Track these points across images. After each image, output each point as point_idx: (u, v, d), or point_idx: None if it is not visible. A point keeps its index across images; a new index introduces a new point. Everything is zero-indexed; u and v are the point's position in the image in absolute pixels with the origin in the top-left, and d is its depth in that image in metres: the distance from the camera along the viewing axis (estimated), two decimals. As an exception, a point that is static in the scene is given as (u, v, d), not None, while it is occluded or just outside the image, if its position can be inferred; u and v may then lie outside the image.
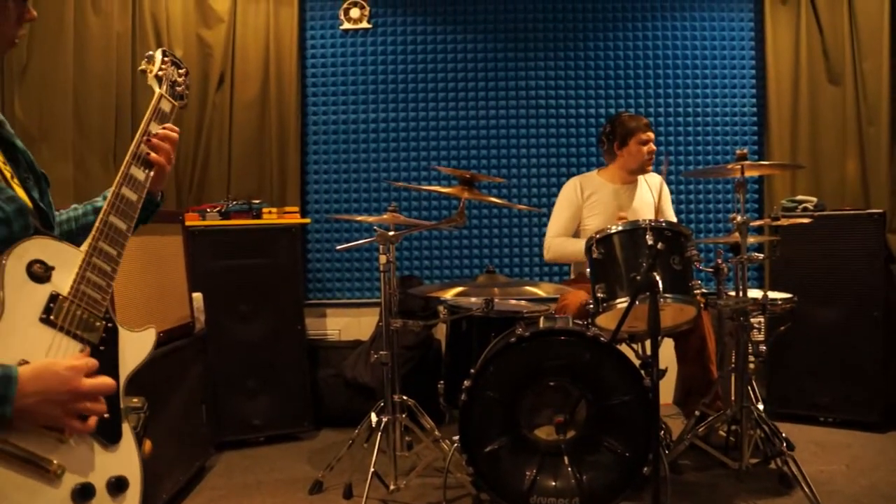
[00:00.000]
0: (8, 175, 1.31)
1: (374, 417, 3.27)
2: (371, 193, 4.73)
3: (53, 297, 1.24)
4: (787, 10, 4.60)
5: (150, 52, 1.66)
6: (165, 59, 1.65)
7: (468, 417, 2.80)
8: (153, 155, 1.54)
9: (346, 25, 4.70)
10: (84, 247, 1.33)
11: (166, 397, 3.11)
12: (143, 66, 1.65)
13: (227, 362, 3.87)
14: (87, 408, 1.23)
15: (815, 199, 4.22)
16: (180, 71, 1.67)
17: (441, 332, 4.13)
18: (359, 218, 3.60)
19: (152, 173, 1.55)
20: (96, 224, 1.36)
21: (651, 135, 3.84)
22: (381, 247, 3.17)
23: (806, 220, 3.59)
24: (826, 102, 4.54)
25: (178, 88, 1.66)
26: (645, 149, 3.82)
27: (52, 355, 1.23)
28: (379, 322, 4.09)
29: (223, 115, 4.53)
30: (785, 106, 4.60)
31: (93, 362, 1.25)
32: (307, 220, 4.60)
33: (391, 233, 3.15)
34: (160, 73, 1.63)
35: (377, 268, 3.29)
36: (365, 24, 4.70)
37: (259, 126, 4.58)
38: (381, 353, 3.18)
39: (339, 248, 3.67)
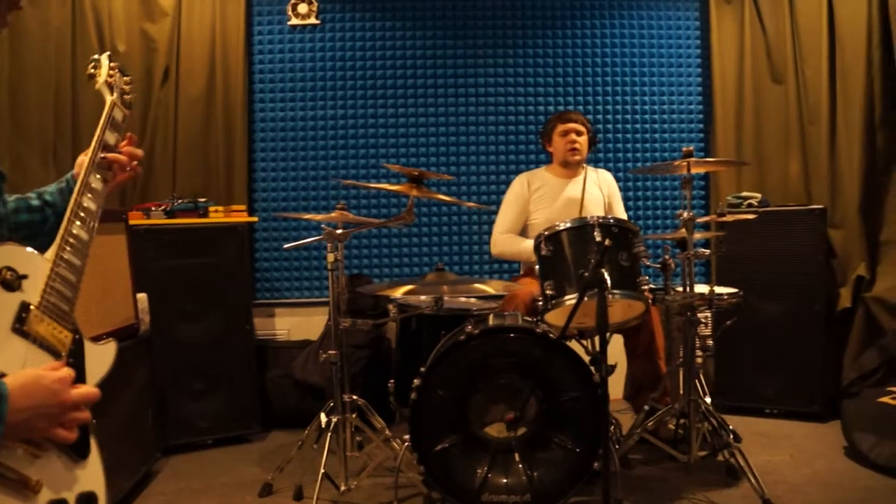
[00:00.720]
0: None
1: (323, 418, 3.23)
2: (319, 191, 4.68)
3: (24, 307, 1.20)
4: (732, 10, 4.67)
5: (96, 56, 1.63)
6: (112, 65, 1.63)
7: (418, 416, 2.79)
8: (117, 172, 1.55)
9: (294, 21, 4.64)
10: (49, 255, 1.29)
11: (110, 401, 3.02)
12: (90, 71, 1.63)
13: (173, 364, 3.80)
14: (75, 418, 1.22)
15: (759, 196, 4.30)
16: (126, 78, 1.65)
17: (391, 330, 4.11)
18: (307, 216, 3.56)
19: (108, 186, 1.53)
20: (60, 233, 1.33)
21: (572, 126, 3.91)
22: (328, 245, 3.13)
23: (750, 216, 3.65)
24: (770, 101, 4.62)
25: (127, 97, 1.64)
26: (564, 139, 3.89)
27: (28, 367, 1.19)
28: (328, 321, 4.05)
29: (168, 112, 4.43)
30: (730, 104, 4.68)
31: (73, 372, 1.23)
32: (254, 219, 4.54)
33: (339, 231, 3.13)
34: (109, 79, 1.61)
35: (325, 266, 3.25)
36: (313, 20, 4.65)
37: (205, 123, 4.49)
38: (331, 352, 3.15)
39: (286, 246, 3.62)
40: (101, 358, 1.40)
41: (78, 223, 1.36)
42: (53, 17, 3.92)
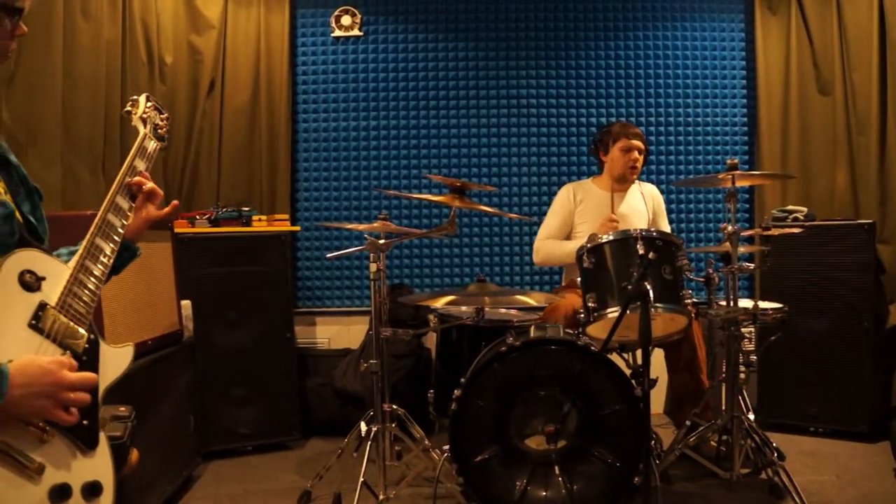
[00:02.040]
0: (1, 186, 1.38)
1: (363, 426, 3.24)
2: (361, 201, 4.71)
3: (42, 306, 1.31)
4: (778, 21, 4.62)
5: (135, 97, 1.78)
6: (149, 103, 1.77)
7: (458, 427, 2.78)
8: (141, 200, 1.67)
9: (338, 33, 4.69)
10: (71, 263, 1.41)
11: (153, 406, 3.08)
12: (128, 108, 1.78)
13: (215, 370, 3.85)
14: (71, 399, 1.28)
15: (805, 209, 4.23)
16: (162, 115, 1.80)
17: (431, 341, 4.12)
18: (349, 226, 3.58)
19: (134, 207, 1.65)
20: (83, 243, 1.45)
21: (635, 143, 3.83)
22: (371, 255, 3.15)
23: (796, 230, 3.59)
24: (816, 112, 4.56)
25: (160, 130, 1.78)
26: (627, 156, 3.82)
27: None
28: (369, 331, 4.07)
29: (213, 122, 4.51)
30: (775, 116, 4.62)
31: (73, 361, 1.32)
32: (297, 228, 4.59)
33: (381, 241, 3.14)
34: (144, 115, 1.75)
35: (367, 276, 3.28)
36: (356, 32, 4.69)
37: (249, 133, 4.56)
38: (371, 361, 3.15)
39: (329, 255, 3.65)
40: (116, 360, 1.49)
41: (101, 236, 1.48)
42: (105, 30, 4.00)
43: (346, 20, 4.69)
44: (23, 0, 1.42)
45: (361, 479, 3.02)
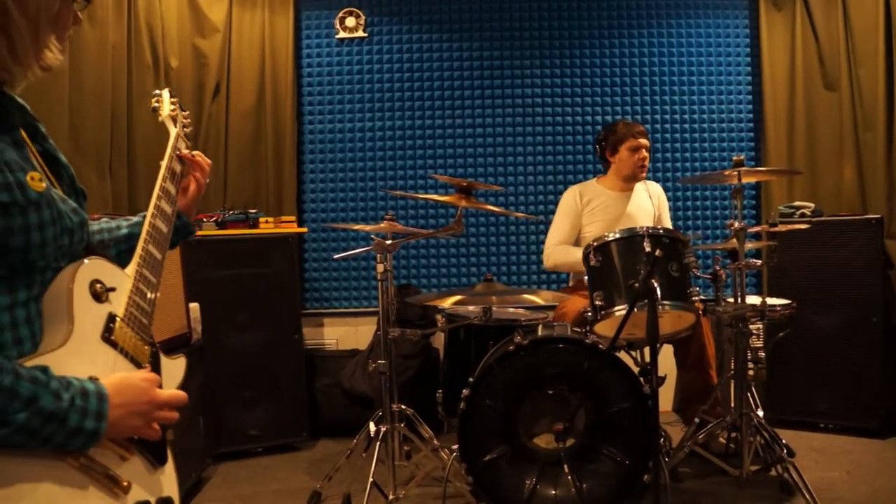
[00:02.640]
0: (60, 192, 1.29)
1: (372, 427, 3.25)
2: (368, 202, 4.72)
3: (112, 317, 1.26)
4: (783, 16, 4.61)
5: (158, 91, 1.74)
6: (173, 99, 1.73)
7: (467, 426, 2.79)
8: (196, 172, 1.67)
9: (342, 34, 4.70)
10: (129, 271, 1.36)
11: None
12: (153, 105, 1.74)
13: (224, 372, 3.86)
14: (163, 417, 1.27)
15: (812, 205, 4.22)
16: (184, 113, 1.76)
17: (439, 340, 4.13)
18: (356, 227, 3.59)
19: (177, 207, 1.61)
20: (137, 251, 1.39)
21: (643, 142, 3.84)
22: (378, 255, 3.15)
23: (803, 226, 3.59)
24: (822, 108, 4.54)
25: (186, 129, 1.74)
26: (636, 156, 3.82)
27: (117, 373, 1.24)
28: (377, 331, 4.07)
29: (219, 125, 4.53)
30: (781, 112, 4.61)
31: (158, 376, 1.30)
32: (304, 230, 4.59)
33: (388, 241, 3.14)
34: (171, 113, 1.71)
35: (374, 277, 3.27)
36: (360, 33, 4.70)
37: (255, 135, 4.58)
38: (380, 362, 3.16)
39: (336, 256, 3.66)
40: (173, 371, 1.47)
41: (153, 243, 1.43)
42: (111, 34, 4.02)
43: (350, 22, 4.69)
44: None
45: (371, 479, 3.03)
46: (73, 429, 1.09)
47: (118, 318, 1.27)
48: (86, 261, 1.24)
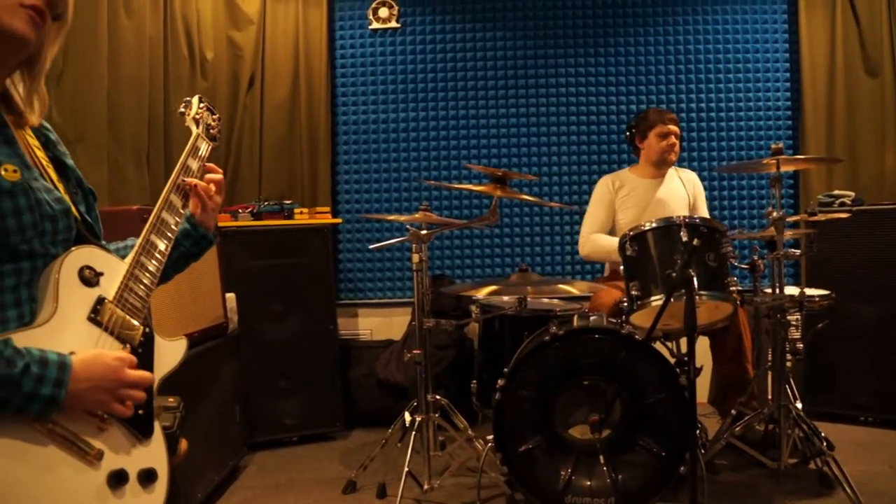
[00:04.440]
0: (60, 187, 1.42)
1: (407, 417, 3.26)
2: (402, 193, 4.73)
3: (100, 300, 1.37)
4: (822, 1, 4.51)
5: (188, 98, 1.83)
6: (201, 104, 1.82)
7: (502, 417, 2.79)
8: (200, 185, 1.69)
9: (375, 25, 4.70)
10: (128, 259, 1.46)
11: (200, 397, 3.13)
12: (181, 109, 1.83)
13: (259, 362, 3.89)
14: (130, 395, 1.34)
15: (852, 194, 4.14)
16: (214, 116, 1.85)
17: (473, 331, 4.12)
18: (390, 217, 3.60)
19: (188, 203, 1.69)
20: (139, 240, 1.50)
21: (672, 128, 3.81)
22: (413, 246, 3.16)
23: (843, 215, 3.52)
24: (863, 94, 4.46)
25: (212, 131, 1.83)
26: (664, 142, 3.79)
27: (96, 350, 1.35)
28: (411, 321, 4.09)
29: (254, 117, 4.56)
30: (820, 99, 4.53)
31: (133, 357, 1.38)
32: (338, 220, 4.62)
33: (423, 232, 3.15)
34: (197, 116, 1.80)
35: (409, 267, 3.28)
36: (394, 24, 4.70)
37: (289, 126, 4.60)
38: (415, 352, 3.17)
39: (372, 247, 3.67)
40: (170, 353, 1.54)
41: (155, 233, 1.53)
42: (147, 27, 4.07)
43: (383, 12, 4.69)
44: None
45: (406, 469, 3.05)
46: (28, 394, 1.19)
47: (107, 301, 1.37)
48: (75, 249, 1.36)
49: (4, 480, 1.15)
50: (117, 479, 1.31)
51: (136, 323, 1.42)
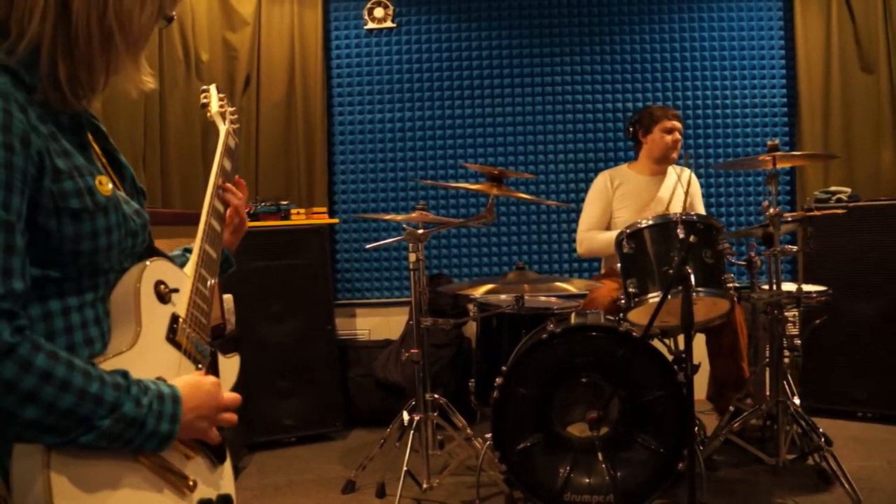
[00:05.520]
0: (123, 192, 1.29)
1: (406, 416, 3.26)
2: (399, 192, 4.73)
3: (175, 318, 1.27)
4: (818, -2, 4.53)
5: (206, 87, 1.73)
6: (221, 95, 1.71)
7: (500, 415, 2.79)
8: (232, 199, 1.58)
9: (371, 25, 4.70)
10: (188, 272, 1.36)
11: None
12: (203, 101, 1.73)
13: (258, 363, 3.88)
14: (225, 419, 1.30)
15: (848, 190, 4.15)
16: (232, 108, 1.74)
17: (471, 330, 4.12)
18: (387, 217, 3.60)
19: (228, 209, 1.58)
20: (195, 251, 1.40)
21: (676, 124, 3.80)
22: (410, 245, 3.16)
23: (840, 211, 3.53)
24: (859, 91, 4.47)
25: (234, 126, 1.71)
26: (669, 137, 3.79)
27: (181, 374, 1.26)
28: (409, 321, 4.09)
29: (250, 117, 4.56)
30: (816, 95, 4.53)
31: (219, 380, 1.31)
32: (335, 220, 4.62)
33: (420, 231, 3.15)
34: (220, 109, 1.69)
35: (406, 267, 3.29)
36: (389, 24, 4.70)
37: (285, 127, 4.60)
38: (413, 351, 3.17)
39: (368, 246, 3.67)
40: (229, 368, 1.48)
41: (209, 242, 1.43)
42: (142, 28, 4.06)
43: (378, 12, 4.69)
44: (175, 8, 1.37)
45: (405, 469, 3.05)
46: (150, 432, 1.11)
47: (181, 319, 1.28)
48: (149, 262, 1.23)
49: None
50: None
51: (205, 341, 1.34)
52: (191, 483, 1.22)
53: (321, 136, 4.61)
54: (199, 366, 1.31)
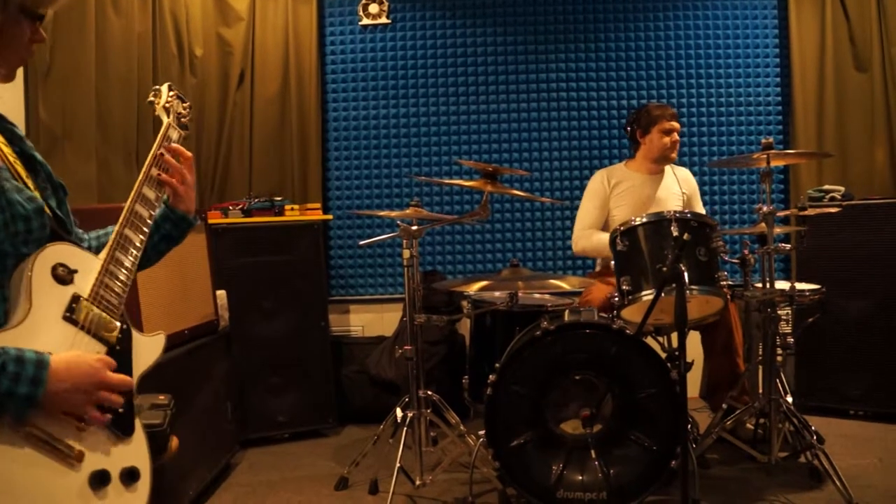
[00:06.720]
0: (30, 183, 1.41)
1: (399, 413, 3.26)
2: (393, 189, 4.72)
3: (75, 298, 1.35)
4: (812, -3, 4.53)
5: (157, 87, 1.83)
6: (171, 92, 1.81)
7: (494, 412, 2.79)
8: (164, 176, 1.66)
9: (365, 21, 4.69)
10: (102, 255, 1.44)
11: (191, 395, 3.12)
12: (150, 98, 1.82)
13: (251, 359, 3.88)
14: (108, 399, 1.33)
15: (842, 189, 4.15)
16: (184, 104, 1.84)
17: (465, 326, 4.12)
18: (381, 213, 3.59)
19: (163, 193, 1.68)
20: (113, 235, 1.48)
21: (675, 125, 3.80)
22: (404, 242, 3.15)
23: (834, 210, 3.53)
24: (853, 89, 4.47)
25: (183, 119, 1.81)
26: (667, 139, 3.78)
27: (74, 350, 1.33)
28: (403, 317, 4.08)
29: (244, 113, 4.55)
30: (810, 94, 4.54)
31: (113, 361, 1.36)
32: (329, 217, 4.61)
33: (414, 227, 3.14)
34: (167, 105, 1.79)
35: (400, 263, 3.28)
36: (384, 20, 4.69)
37: (280, 123, 4.59)
38: (406, 348, 3.17)
39: (362, 243, 3.66)
40: (149, 348, 1.53)
41: (129, 227, 1.51)
42: (136, 25, 4.04)
43: (373, 8, 4.68)
44: (45, 7, 1.44)
45: (398, 465, 3.04)
46: (4, 392, 1.17)
47: (83, 299, 1.36)
48: (48, 247, 1.33)
49: None
50: (99, 480, 1.30)
51: (113, 320, 1.41)
52: (76, 454, 1.27)
53: (315, 132, 4.60)
54: (109, 343, 1.39)
